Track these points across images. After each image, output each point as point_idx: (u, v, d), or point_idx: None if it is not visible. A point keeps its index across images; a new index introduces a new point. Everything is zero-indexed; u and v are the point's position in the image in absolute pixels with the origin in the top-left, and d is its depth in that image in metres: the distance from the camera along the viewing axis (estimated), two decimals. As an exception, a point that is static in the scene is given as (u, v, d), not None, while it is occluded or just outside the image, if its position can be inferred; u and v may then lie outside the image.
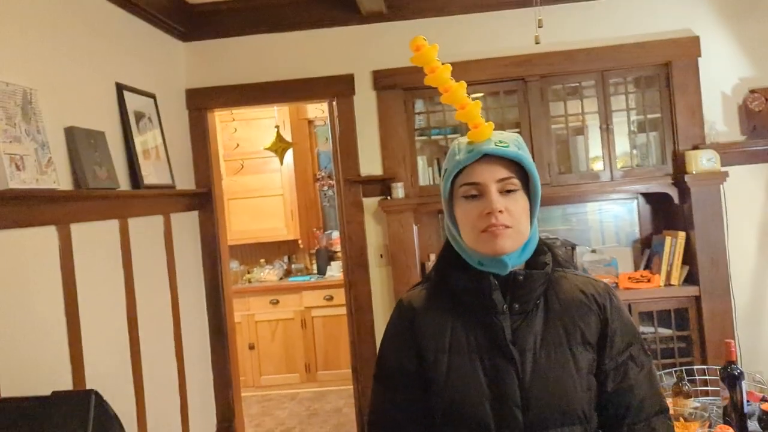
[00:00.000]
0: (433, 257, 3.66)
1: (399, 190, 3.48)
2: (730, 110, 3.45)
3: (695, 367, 2.38)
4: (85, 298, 2.40)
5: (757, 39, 3.42)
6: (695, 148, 3.36)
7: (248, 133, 5.18)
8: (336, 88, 3.60)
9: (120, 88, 2.89)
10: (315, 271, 5.34)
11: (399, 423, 1.21)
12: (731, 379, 1.74)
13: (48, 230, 2.24)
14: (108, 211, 2.65)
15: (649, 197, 3.64)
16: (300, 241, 5.46)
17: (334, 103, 3.63)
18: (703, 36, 3.41)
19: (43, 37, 2.35)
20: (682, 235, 3.33)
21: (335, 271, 5.07)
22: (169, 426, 3.06)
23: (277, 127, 4.90)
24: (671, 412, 1.30)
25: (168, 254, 3.19)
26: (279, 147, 4.86)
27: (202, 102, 3.65)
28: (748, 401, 1.79)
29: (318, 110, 5.39)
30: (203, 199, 3.62)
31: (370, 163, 3.61)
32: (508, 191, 1.14)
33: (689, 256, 3.34)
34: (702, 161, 3.25)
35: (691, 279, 3.35)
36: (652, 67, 3.45)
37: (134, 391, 2.71)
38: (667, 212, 3.56)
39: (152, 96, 3.21)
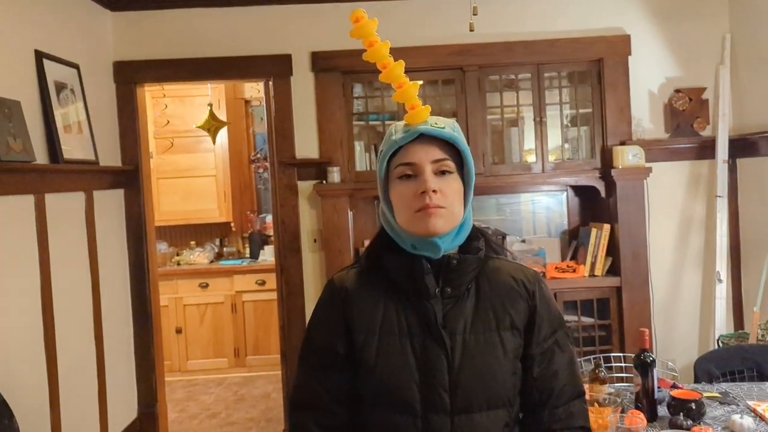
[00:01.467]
0: (367, 243, 3.64)
1: (335, 175, 3.44)
2: (656, 108, 3.59)
3: (613, 354, 2.47)
4: (-6, 277, 2.26)
5: (684, 41, 3.55)
6: (622, 143, 3.47)
7: (180, 111, 5.00)
8: (273, 68, 3.52)
9: (39, 56, 2.72)
10: (247, 255, 5.23)
11: (324, 404, 1.18)
12: (643, 366, 1.80)
13: (-48, 204, 2.09)
14: (22, 186, 2.50)
15: (577, 190, 3.74)
16: (233, 224, 5.33)
17: (271, 83, 3.55)
18: (634, 35, 3.52)
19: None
20: (607, 227, 3.45)
21: (268, 255, 4.98)
22: (85, 412, 2.94)
23: (210, 105, 4.75)
24: (587, 397, 1.34)
25: (89, 233, 3.04)
26: (212, 126, 4.71)
27: (131, 76, 3.50)
28: (659, 387, 1.86)
29: (255, 90, 5.26)
30: (129, 177, 3.47)
31: (307, 146, 3.55)
32: (443, 172, 1.15)
33: (613, 248, 3.46)
34: (628, 156, 3.36)
35: (613, 270, 3.48)
36: (585, 63, 3.54)
37: (47, 377, 2.58)
38: (594, 205, 3.67)
39: (76, 66, 3.04)
